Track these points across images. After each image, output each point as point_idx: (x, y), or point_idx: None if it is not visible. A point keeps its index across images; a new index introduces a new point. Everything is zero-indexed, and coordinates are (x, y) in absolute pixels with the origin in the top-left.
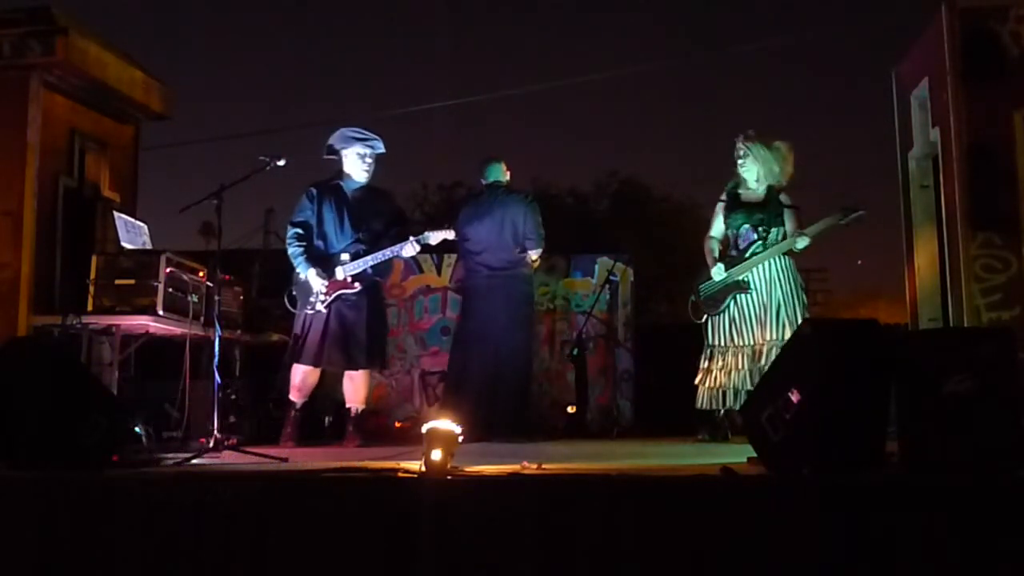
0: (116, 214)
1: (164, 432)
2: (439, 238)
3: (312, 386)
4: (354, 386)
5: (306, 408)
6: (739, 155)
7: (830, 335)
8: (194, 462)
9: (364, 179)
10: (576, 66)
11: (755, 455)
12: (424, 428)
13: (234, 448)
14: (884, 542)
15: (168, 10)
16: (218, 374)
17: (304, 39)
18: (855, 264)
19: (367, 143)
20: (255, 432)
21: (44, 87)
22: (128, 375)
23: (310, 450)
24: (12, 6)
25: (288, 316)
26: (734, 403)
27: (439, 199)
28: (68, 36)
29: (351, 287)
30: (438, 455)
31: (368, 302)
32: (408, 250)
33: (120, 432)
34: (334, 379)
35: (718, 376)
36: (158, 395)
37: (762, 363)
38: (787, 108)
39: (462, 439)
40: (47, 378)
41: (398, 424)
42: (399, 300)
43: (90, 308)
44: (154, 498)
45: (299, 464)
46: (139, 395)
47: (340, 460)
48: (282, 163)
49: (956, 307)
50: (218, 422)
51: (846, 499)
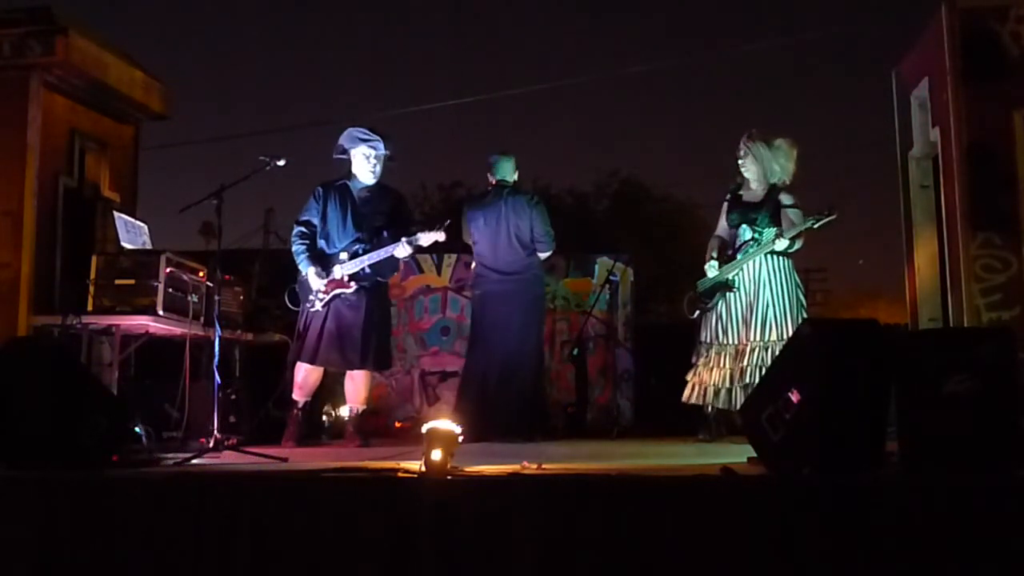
0: (116, 214)
1: (164, 432)
2: (430, 239)
3: (314, 384)
4: (354, 386)
5: (308, 407)
6: (740, 155)
7: (830, 335)
8: (194, 462)
9: (371, 179)
10: (576, 66)
11: (755, 455)
12: (424, 428)
13: (234, 448)
14: (884, 542)
15: (168, 10)
16: (218, 374)
17: (304, 39)
18: (855, 264)
19: (370, 143)
20: (255, 432)
21: (44, 87)
22: (128, 375)
23: (310, 450)
24: (12, 6)
25: (288, 316)
26: (715, 400)
27: (439, 199)
28: (68, 36)
29: (347, 286)
30: (438, 455)
31: (368, 302)
32: (400, 251)
33: (120, 432)
34: (335, 379)
35: (702, 372)
36: (158, 395)
37: (744, 363)
38: (787, 108)
39: (462, 439)
40: (47, 378)
41: (398, 424)
42: (399, 300)
43: (90, 308)
44: (154, 498)
45: (299, 464)
46: (139, 395)
47: (340, 460)
48: (282, 163)
49: (956, 307)
50: (218, 422)
51: (846, 499)
